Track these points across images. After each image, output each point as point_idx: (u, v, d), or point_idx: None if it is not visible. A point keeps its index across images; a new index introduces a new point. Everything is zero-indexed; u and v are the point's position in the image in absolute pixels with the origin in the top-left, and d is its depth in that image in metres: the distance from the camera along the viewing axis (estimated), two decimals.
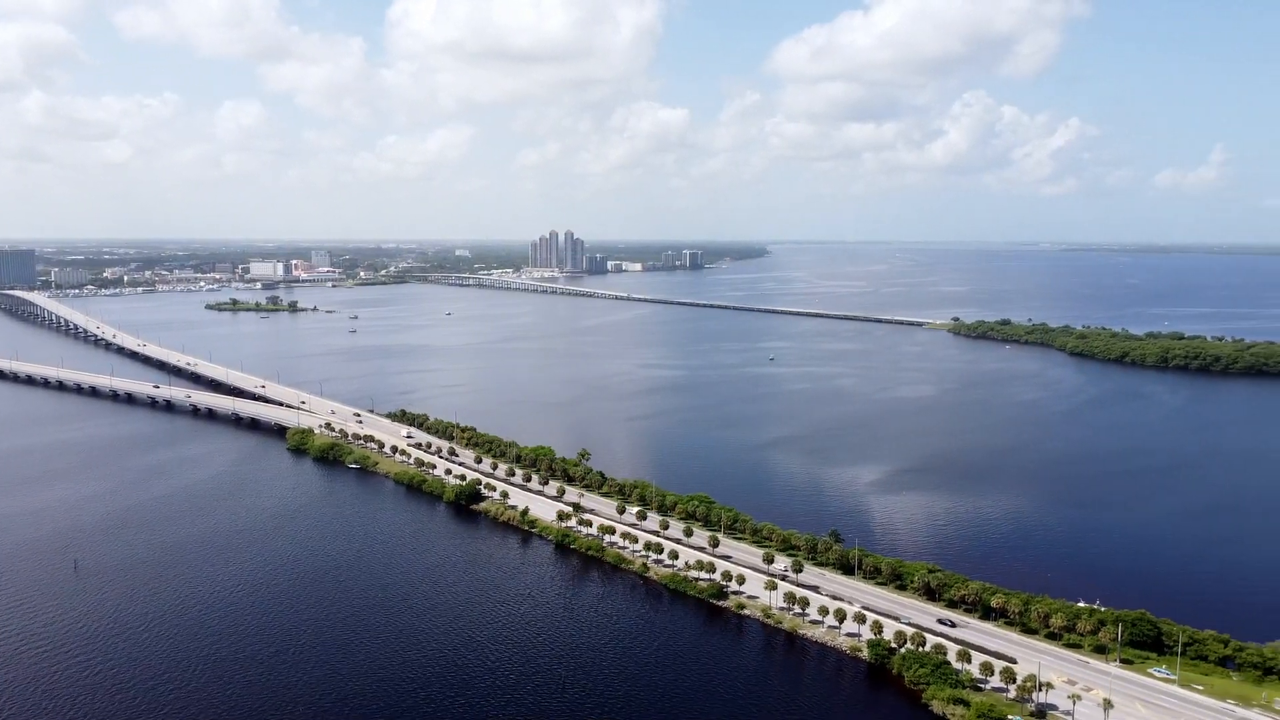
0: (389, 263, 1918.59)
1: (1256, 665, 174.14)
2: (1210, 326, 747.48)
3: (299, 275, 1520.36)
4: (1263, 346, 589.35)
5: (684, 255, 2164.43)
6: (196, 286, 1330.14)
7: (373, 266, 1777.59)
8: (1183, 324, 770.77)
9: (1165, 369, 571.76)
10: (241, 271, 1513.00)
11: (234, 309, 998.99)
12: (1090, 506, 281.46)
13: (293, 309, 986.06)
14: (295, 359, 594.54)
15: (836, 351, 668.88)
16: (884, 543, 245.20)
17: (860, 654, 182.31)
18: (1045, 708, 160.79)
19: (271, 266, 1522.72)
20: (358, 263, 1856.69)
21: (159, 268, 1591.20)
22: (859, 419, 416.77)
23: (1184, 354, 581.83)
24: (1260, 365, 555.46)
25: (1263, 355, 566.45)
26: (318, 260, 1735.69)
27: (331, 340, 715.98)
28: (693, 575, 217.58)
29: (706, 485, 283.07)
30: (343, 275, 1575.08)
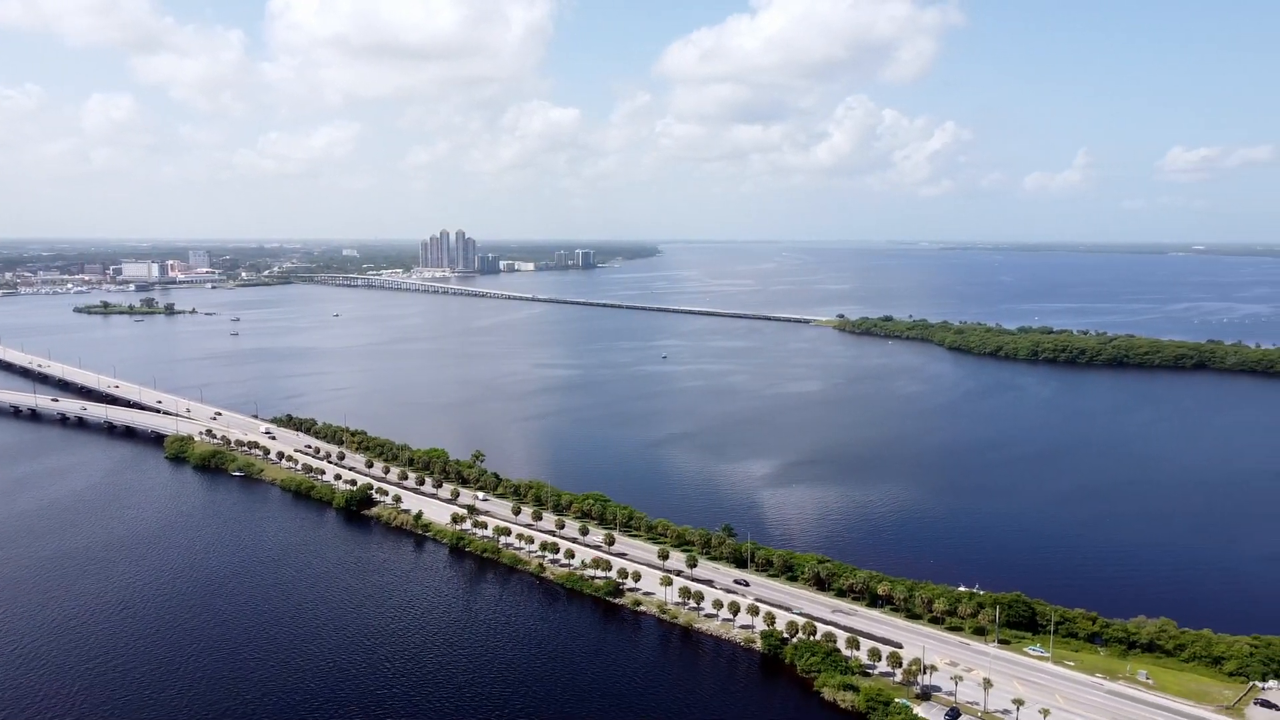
0: (273, 263, 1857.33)
1: (1121, 640, 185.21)
2: (1076, 321, 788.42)
3: (176, 276, 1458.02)
4: (1123, 339, 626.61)
5: (577, 255, 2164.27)
6: (63, 288, 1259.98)
7: (255, 267, 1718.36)
8: (1051, 319, 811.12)
9: (1036, 362, 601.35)
10: (113, 273, 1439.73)
11: (105, 312, 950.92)
12: (970, 494, 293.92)
13: (169, 311, 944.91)
14: (173, 364, 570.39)
15: (727, 349, 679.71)
16: (776, 535, 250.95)
17: (754, 645, 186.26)
18: (930, 689, 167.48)
19: (146, 267, 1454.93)
20: (239, 263, 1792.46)
21: (21, 269, 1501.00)
22: (750, 415, 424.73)
23: (1053, 347, 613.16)
24: (1121, 357, 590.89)
25: (1123, 348, 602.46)
26: (196, 260, 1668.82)
27: (212, 344, 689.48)
28: (589, 574, 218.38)
29: (602, 484, 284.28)
30: (223, 276, 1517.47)
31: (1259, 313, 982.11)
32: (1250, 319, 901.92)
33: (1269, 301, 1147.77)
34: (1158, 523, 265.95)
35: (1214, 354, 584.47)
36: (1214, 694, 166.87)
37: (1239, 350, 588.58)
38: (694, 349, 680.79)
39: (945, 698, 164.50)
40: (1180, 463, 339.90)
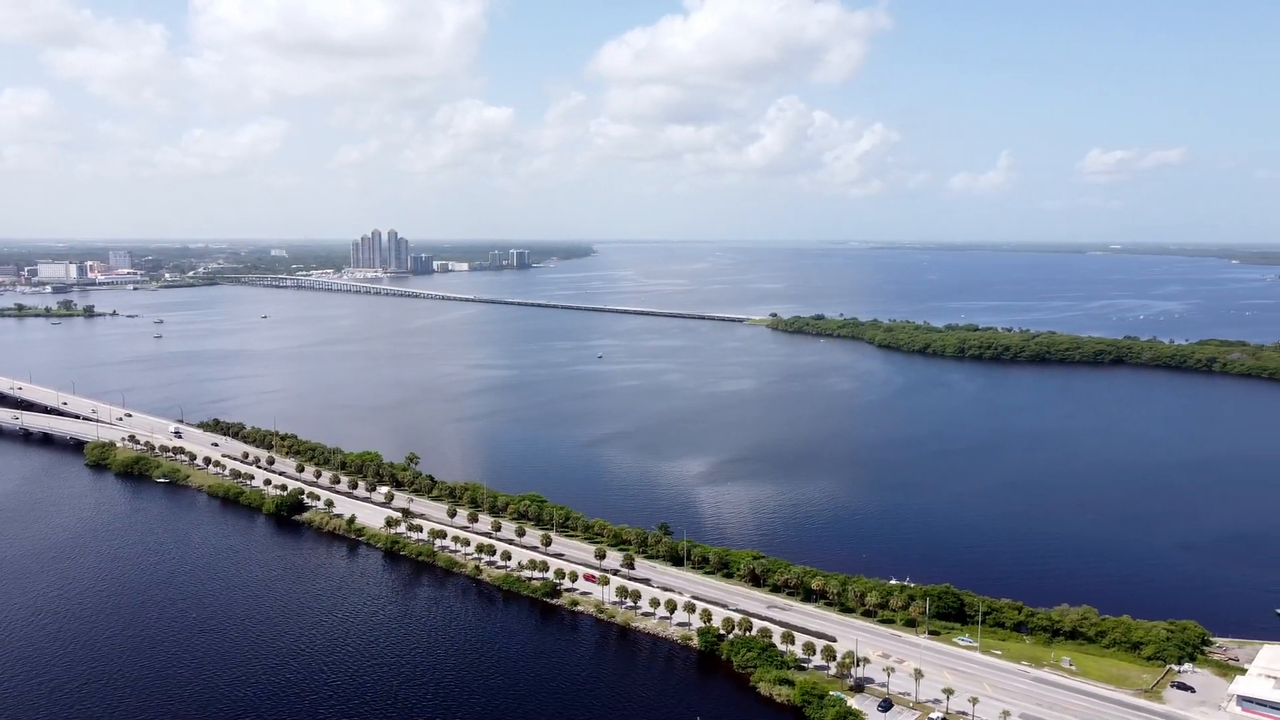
0: (197, 264, 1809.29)
1: (1046, 629, 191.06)
2: (1000, 319, 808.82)
3: (95, 278, 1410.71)
4: (1045, 336, 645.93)
5: (511, 255, 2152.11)
6: None
7: (179, 268, 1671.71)
8: (977, 316, 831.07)
9: (963, 358, 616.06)
10: (28, 274, 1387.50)
11: (19, 315, 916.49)
12: (900, 489, 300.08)
13: (88, 314, 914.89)
14: (93, 368, 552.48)
15: (663, 348, 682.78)
16: (713, 533, 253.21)
17: (691, 642, 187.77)
18: (863, 681, 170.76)
19: (63, 268, 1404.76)
20: (162, 264, 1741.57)
21: None
22: (686, 413, 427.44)
23: (979, 344, 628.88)
24: (1043, 353, 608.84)
25: (1045, 344, 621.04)
26: (116, 261, 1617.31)
27: (134, 347, 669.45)
28: (526, 575, 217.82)
29: (539, 484, 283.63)
30: (145, 277, 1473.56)
31: (1172, 310, 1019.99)
32: (1164, 316, 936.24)
33: (1181, 299, 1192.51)
34: (1079, 513, 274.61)
35: (1130, 350, 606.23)
36: (1133, 678, 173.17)
37: (1154, 346, 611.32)
38: (629, 348, 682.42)
39: (878, 689, 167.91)
40: (1099, 455, 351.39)
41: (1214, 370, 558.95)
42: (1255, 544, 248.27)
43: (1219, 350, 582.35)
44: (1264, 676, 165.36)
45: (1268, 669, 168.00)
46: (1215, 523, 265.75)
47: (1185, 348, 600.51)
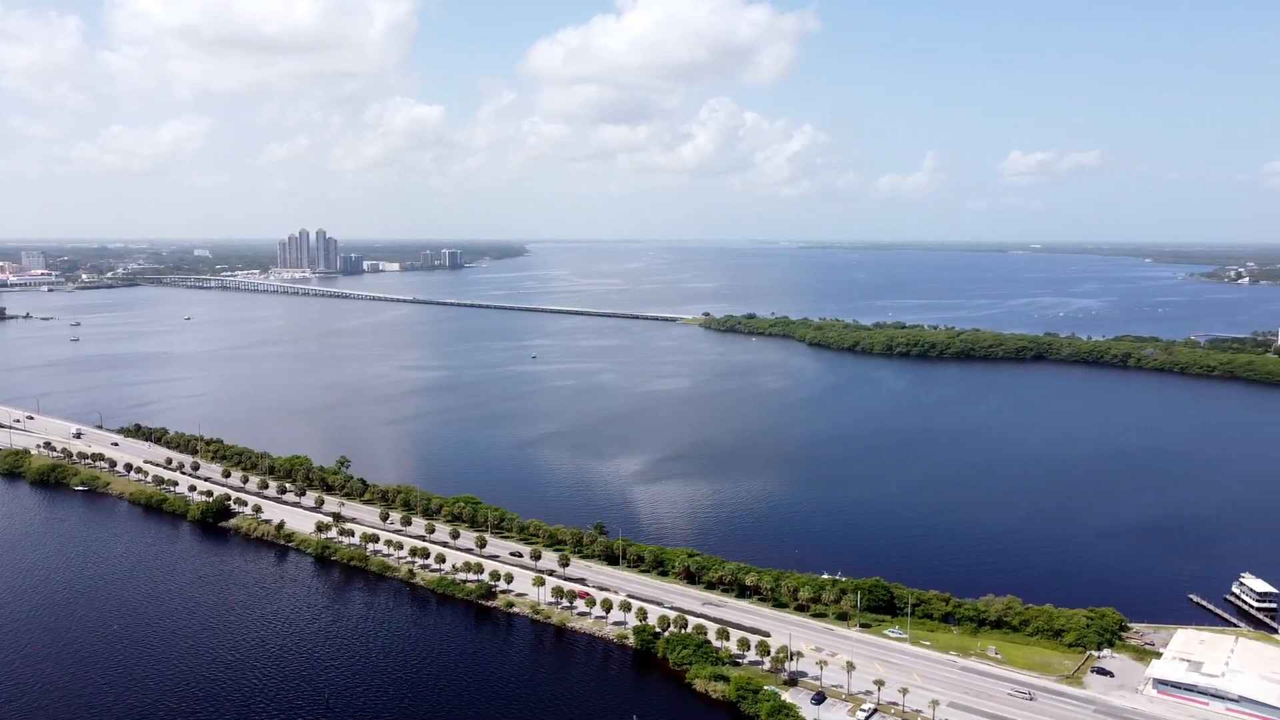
0: (117, 264, 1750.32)
1: (972, 619, 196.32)
2: (927, 316, 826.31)
3: (7, 279, 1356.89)
4: (970, 333, 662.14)
5: (443, 254, 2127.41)
6: None
7: (97, 269, 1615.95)
8: (904, 314, 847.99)
9: (891, 356, 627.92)
10: None
11: None
12: (832, 484, 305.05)
13: None
14: (5, 372, 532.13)
15: (597, 348, 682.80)
16: (648, 531, 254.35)
17: (627, 641, 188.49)
18: (797, 675, 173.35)
19: None
20: (79, 264, 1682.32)
21: None
22: (621, 412, 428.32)
23: (906, 342, 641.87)
24: (968, 350, 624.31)
25: (970, 341, 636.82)
26: (29, 262, 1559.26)
27: (50, 350, 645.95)
28: (460, 577, 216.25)
29: (473, 486, 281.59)
30: (61, 278, 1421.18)
31: (1089, 307, 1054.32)
32: (1082, 313, 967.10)
33: (1098, 296, 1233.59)
34: (1004, 505, 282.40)
35: (1051, 346, 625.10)
36: (1056, 664, 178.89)
37: (1073, 342, 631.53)
38: (564, 348, 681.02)
39: (811, 682, 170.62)
40: (1023, 448, 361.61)
41: (1129, 365, 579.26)
42: (1169, 532, 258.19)
43: (1134, 346, 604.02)
44: (1178, 660, 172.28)
45: (1181, 652, 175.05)
46: (1132, 512, 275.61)
47: (1102, 344, 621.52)
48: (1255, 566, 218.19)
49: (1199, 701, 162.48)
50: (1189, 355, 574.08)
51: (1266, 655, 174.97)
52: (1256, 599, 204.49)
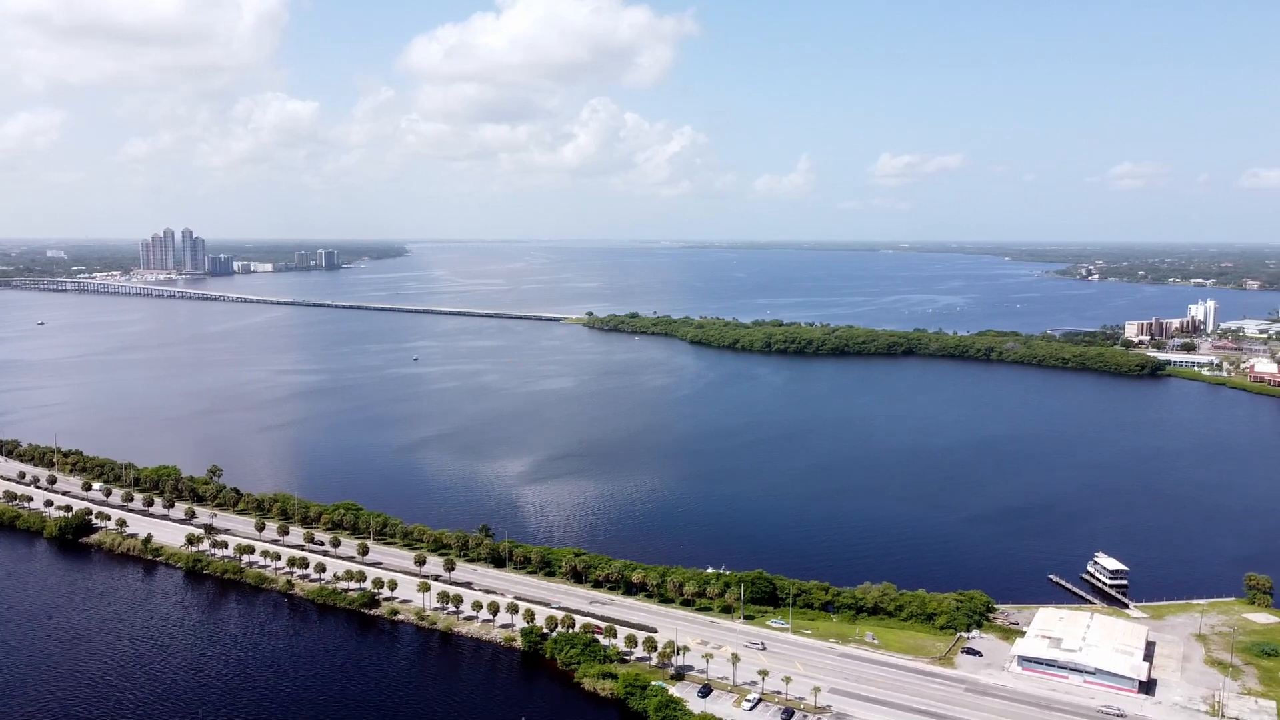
0: None
1: (851, 606, 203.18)
2: (803, 314, 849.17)
3: None
4: (844, 330, 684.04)
5: (319, 255, 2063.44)
6: None
7: None
8: (781, 312, 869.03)
9: (769, 353, 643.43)
10: None
11: None
12: (715, 479, 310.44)
13: None
14: None
15: (480, 348, 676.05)
16: (536, 532, 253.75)
17: (515, 643, 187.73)
18: (683, 669, 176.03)
19: None
20: None
21: None
22: (506, 413, 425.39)
23: (784, 339, 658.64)
24: (843, 346, 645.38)
25: (844, 337, 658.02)
26: None
27: None
28: (342, 586, 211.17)
29: (354, 492, 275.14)
30: None
31: (954, 303, 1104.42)
32: (947, 309, 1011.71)
33: (962, 293, 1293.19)
34: (879, 494, 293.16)
35: (920, 341, 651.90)
36: (929, 647, 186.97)
37: (940, 337, 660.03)
38: (446, 349, 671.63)
39: (698, 676, 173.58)
40: (896, 439, 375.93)
41: (992, 359, 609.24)
42: (1030, 515, 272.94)
43: (995, 340, 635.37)
44: (1040, 637, 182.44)
45: (1043, 630, 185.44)
46: (997, 498, 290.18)
47: (967, 338, 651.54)
48: (1107, 546, 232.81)
49: (1059, 676, 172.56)
50: (1046, 348, 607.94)
51: (1119, 629, 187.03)
52: (1109, 577, 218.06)
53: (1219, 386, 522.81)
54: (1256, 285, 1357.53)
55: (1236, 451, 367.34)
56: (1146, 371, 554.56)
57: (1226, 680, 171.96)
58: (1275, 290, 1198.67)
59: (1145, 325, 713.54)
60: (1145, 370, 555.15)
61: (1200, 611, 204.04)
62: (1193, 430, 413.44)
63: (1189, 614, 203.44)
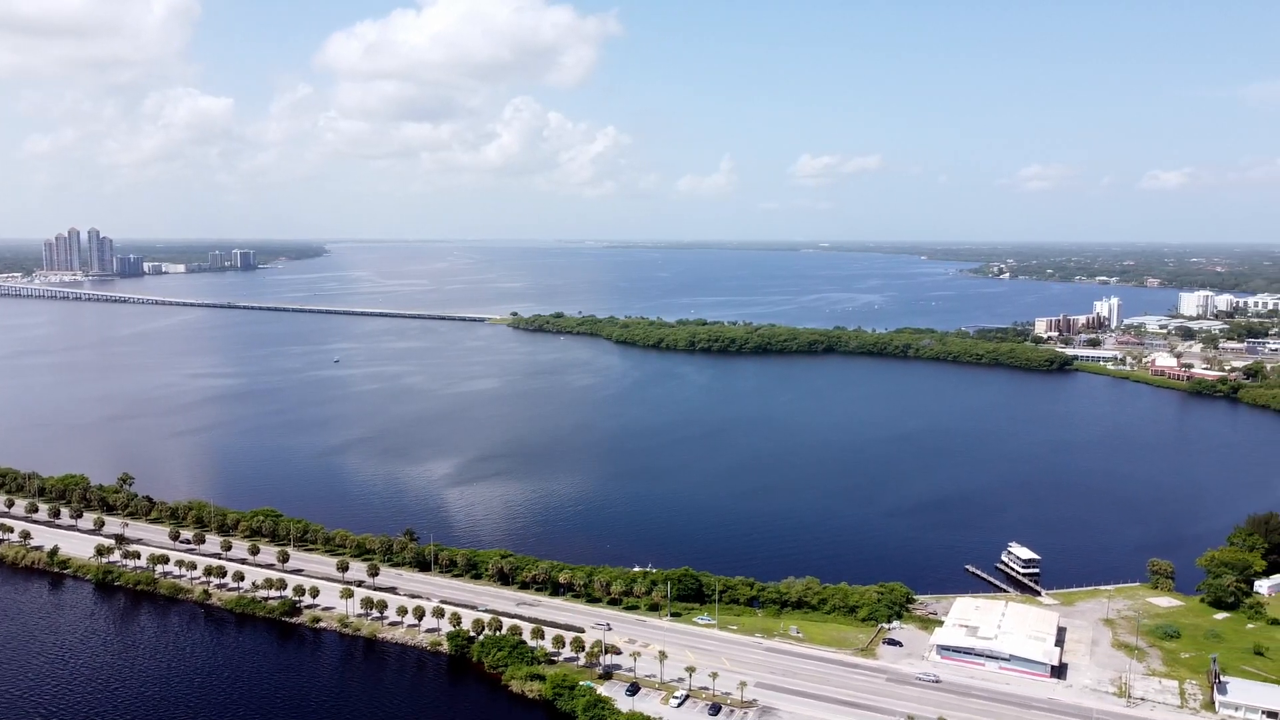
0: None
1: (775, 601, 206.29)
2: (726, 313, 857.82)
3: None
4: (766, 328, 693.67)
5: (235, 255, 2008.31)
6: None
7: None
8: (705, 311, 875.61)
9: (694, 351, 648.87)
10: None
11: None
12: (642, 478, 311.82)
13: None
14: None
15: (404, 350, 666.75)
16: (462, 534, 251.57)
17: (441, 647, 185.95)
18: (611, 668, 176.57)
19: None
20: None
21: None
22: (431, 415, 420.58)
23: (708, 338, 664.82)
24: (765, 344, 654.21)
25: (767, 336, 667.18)
26: None
27: None
28: (261, 595, 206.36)
29: (273, 498, 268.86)
30: None
31: (873, 301, 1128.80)
32: (866, 307, 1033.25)
33: (880, 291, 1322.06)
34: (803, 489, 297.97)
35: (840, 339, 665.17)
36: (851, 639, 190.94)
37: (859, 335, 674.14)
38: (369, 351, 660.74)
39: (626, 674, 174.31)
40: (818, 435, 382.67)
41: (909, 355, 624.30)
42: (947, 508, 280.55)
43: (912, 337, 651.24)
44: (957, 626, 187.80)
45: (960, 619, 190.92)
46: (915, 491, 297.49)
47: (885, 335, 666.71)
48: (1020, 535, 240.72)
49: (976, 663, 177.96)
50: (960, 345, 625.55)
51: (1031, 616, 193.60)
52: (1022, 565, 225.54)
53: (1123, 380, 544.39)
54: (1156, 283, 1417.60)
55: (1139, 442, 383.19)
56: (1055, 367, 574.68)
57: (1132, 662, 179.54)
58: (1174, 288, 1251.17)
59: (1054, 322, 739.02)
60: (1054, 365, 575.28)
61: (1107, 597, 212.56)
62: (1099, 423, 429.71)
63: (1097, 599, 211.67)
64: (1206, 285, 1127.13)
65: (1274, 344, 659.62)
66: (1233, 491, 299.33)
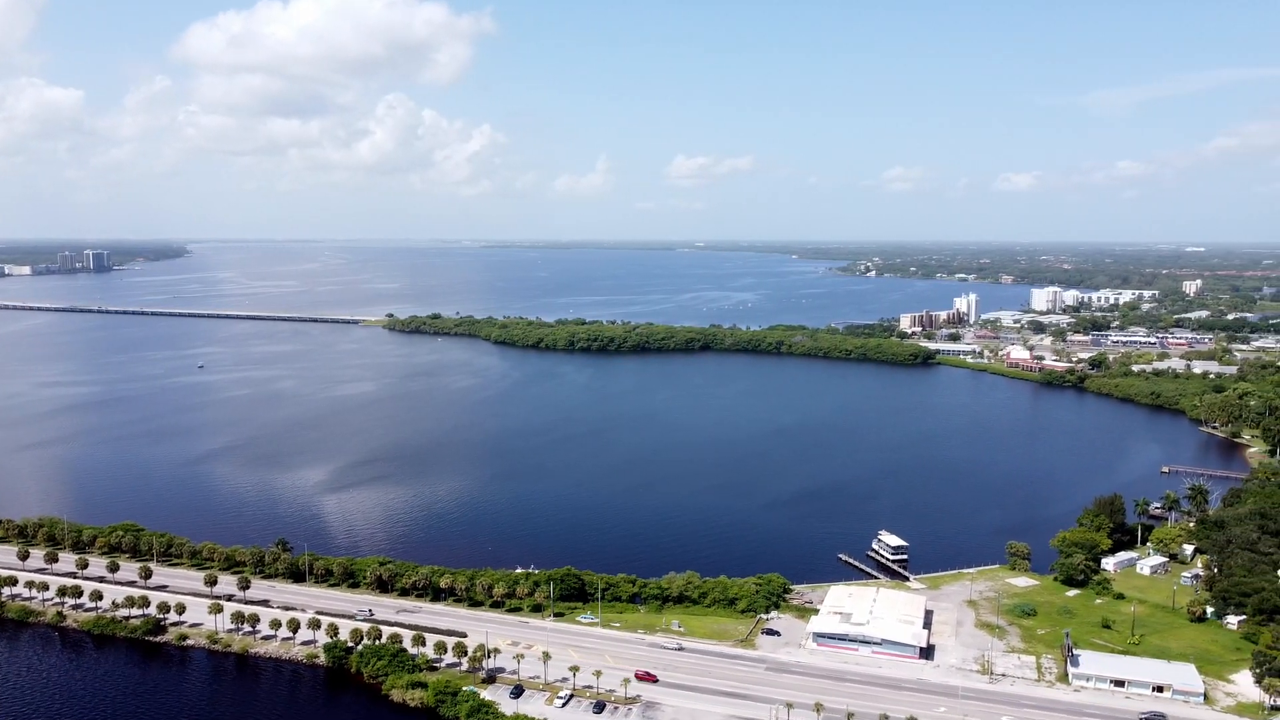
0: None
1: (657, 596, 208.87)
2: (605, 312, 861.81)
3: None
4: (644, 327, 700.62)
5: (86, 256, 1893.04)
6: None
7: None
8: (584, 311, 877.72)
9: (573, 351, 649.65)
10: None
11: None
12: (524, 478, 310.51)
13: None
14: None
15: (274, 354, 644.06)
16: (339, 542, 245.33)
17: (318, 660, 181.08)
18: (495, 672, 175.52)
19: None
20: None
21: None
22: (304, 420, 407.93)
23: (587, 337, 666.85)
24: (644, 343, 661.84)
25: (645, 334, 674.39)
26: None
27: None
28: (122, 614, 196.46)
29: (134, 512, 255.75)
30: None
31: (746, 299, 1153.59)
32: (740, 305, 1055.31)
33: (754, 290, 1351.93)
34: (682, 486, 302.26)
35: (716, 336, 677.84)
36: (731, 631, 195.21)
37: (734, 332, 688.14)
38: (236, 355, 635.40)
39: (509, 677, 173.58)
40: (697, 431, 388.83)
41: (782, 352, 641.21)
42: (821, 498, 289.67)
43: (785, 334, 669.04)
44: (832, 614, 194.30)
45: (834, 607, 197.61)
46: (791, 483, 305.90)
47: (759, 333, 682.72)
48: (890, 523, 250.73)
49: (850, 648, 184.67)
50: (830, 341, 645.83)
51: (901, 601, 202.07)
52: (891, 552, 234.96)
53: (981, 372, 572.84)
54: (1010, 280, 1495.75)
55: (997, 431, 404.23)
56: (919, 360, 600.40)
57: (994, 641, 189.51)
58: (1026, 284, 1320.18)
59: (917, 318, 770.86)
60: (918, 359, 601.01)
61: (970, 579, 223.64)
62: (960, 413, 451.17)
63: (961, 582, 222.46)
64: (1055, 282, 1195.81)
65: (1115, 336, 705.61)
66: (1081, 475, 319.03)
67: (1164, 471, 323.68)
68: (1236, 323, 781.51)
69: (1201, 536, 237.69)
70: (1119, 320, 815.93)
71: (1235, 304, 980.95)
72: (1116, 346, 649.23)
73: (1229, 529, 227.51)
